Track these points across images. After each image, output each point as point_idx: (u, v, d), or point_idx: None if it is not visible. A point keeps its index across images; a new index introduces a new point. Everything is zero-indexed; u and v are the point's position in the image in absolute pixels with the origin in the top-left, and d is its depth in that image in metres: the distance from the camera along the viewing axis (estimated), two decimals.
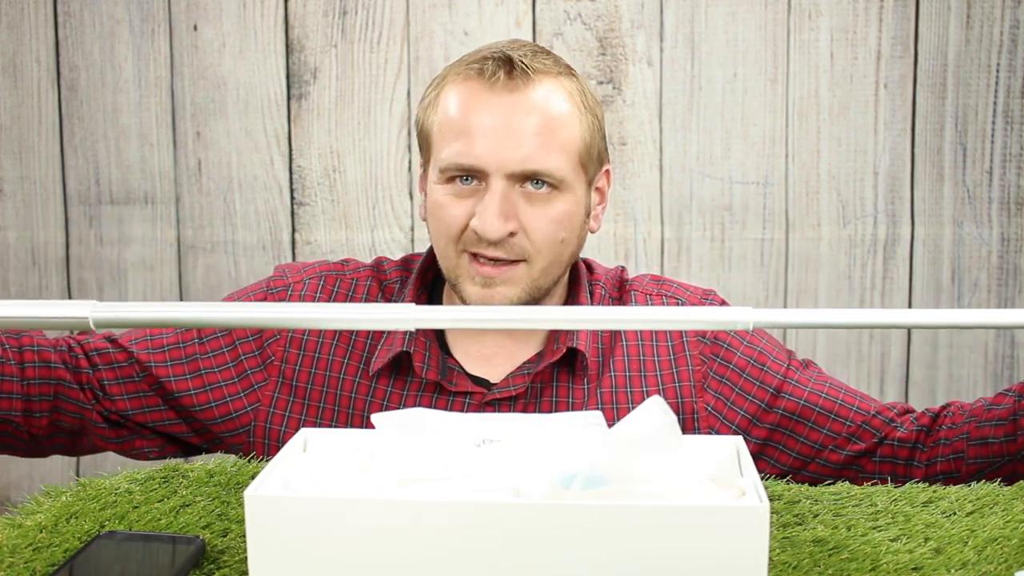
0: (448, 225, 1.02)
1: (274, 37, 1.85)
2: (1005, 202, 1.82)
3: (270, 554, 0.62)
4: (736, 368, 1.09)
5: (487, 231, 0.99)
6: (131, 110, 1.87)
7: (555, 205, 1.01)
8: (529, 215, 1.01)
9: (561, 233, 1.02)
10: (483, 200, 1.00)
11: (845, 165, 1.83)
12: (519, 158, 0.99)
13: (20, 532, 0.75)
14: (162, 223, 1.89)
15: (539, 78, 1.01)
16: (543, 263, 1.03)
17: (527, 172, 1.00)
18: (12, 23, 1.87)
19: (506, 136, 0.99)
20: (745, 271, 1.85)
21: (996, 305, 1.84)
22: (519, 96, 1.00)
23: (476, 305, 1.01)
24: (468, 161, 1.00)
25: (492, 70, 1.00)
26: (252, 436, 1.09)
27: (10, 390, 1.00)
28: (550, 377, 1.06)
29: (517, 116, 1.00)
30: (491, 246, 1.00)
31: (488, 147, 0.99)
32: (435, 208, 1.04)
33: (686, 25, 1.81)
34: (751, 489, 0.65)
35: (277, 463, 0.70)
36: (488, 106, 1.00)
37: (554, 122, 1.01)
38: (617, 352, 1.08)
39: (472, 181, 1.01)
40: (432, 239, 1.07)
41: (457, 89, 1.03)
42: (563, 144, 1.01)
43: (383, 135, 1.86)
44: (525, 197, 1.01)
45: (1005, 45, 1.79)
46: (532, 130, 0.99)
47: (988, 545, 0.73)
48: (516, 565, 0.61)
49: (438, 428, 0.77)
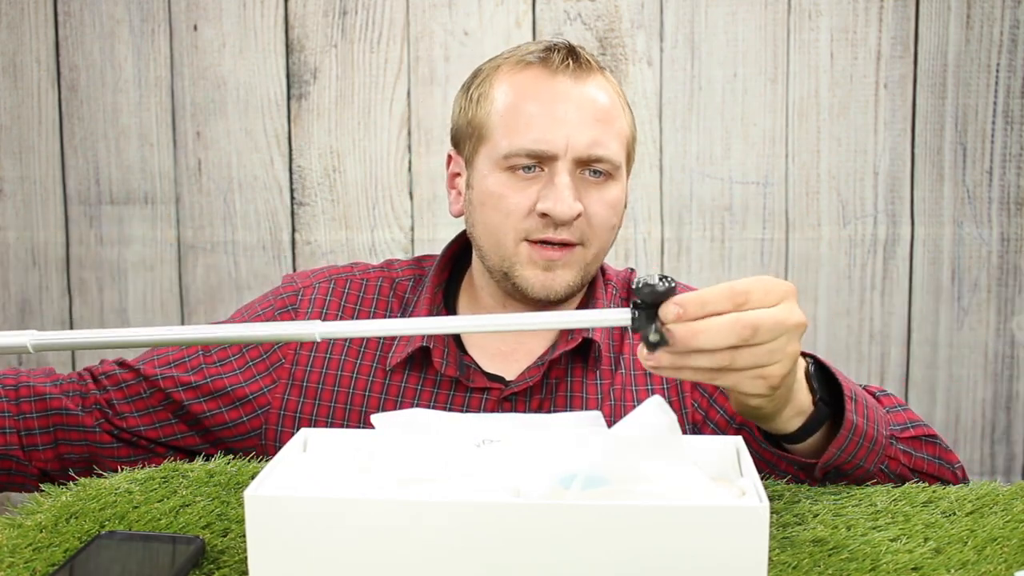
0: (508, 213, 1.02)
1: (274, 37, 1.85)
2: (1005, 202, 1.82)
3: (270, 554, 0.62)
4: None
5: (562, 212, 1.00)
6: (131, 110, 1.87)
7: (611, 190, 1.05)
8: (590, 198, 1.03)
9: (614, 219, 1.06)
10: (553, 183, 1.01)
11: (845, 165, 1.83)
12: (587, 143, 1.01)
13: (20, 532, 0.75)
14: (162, 223, 1.89)
15: (597, 70, 1.06)
16: (596, 248, 1.05)
17: (592, 157, 1.02)
18: (12, 23, 1.87)
19: (574, 121, 1.01)
20: (745, 271, 1.85)
21: (996, 305, 1.84)
22: (584, 85, 1.03)
23: (537, 292, 1.04)
24: (540, 146, 1.01)
25: (559, 59, 1.03)
26: (264, 439, 1.09)
27: (2, 425, 1.02)
28: (564, 371, 1.07)
29: (584, 103, 1.03)
30: (560, 229, 1.02)
31: (557, 132, 1.01)
32: (491, 198, 1.04)
33: (686, 25, 1.81)
34: (751, 489, 0.65)
35: (277, 463, 0.70)
36: (557, 93, 1.02)
37: (612, 111, 1.05)
38: (626, 349, 1.09)
39: (534, 169, 1.02)
40: (480, 229, 1.06)
41: (516, 78, 1.04)
42: (619, 132, 1.05)
43: (383, 135, 1.86)
44: (584, 182, 1.03)
45: (1005, 45, 1.79)
46: (597, 116, 1.03)
47: (988, 545, 0.73)
48: (516, 565, 0.61)
49: (438, 428, 0.77)
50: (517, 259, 1.03)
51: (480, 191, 1.05)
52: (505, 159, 1.02)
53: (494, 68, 1.07)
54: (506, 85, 1.04)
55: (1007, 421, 1.86)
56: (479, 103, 1.05)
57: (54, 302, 1.92)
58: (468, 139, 1.07)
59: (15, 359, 1.85)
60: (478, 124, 1.05)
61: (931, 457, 0.96)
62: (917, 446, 0.96)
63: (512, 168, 1.02)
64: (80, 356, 1.89)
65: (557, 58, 1.03)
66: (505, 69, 1.05)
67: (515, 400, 1.05)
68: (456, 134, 1.09)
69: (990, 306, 1.85)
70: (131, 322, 1.91)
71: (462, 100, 1.08)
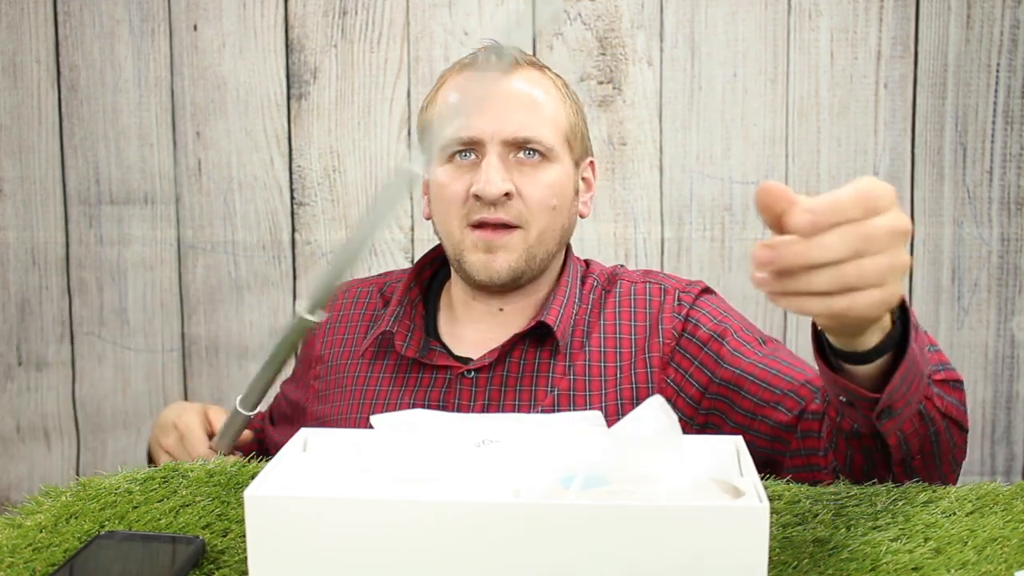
0: (450, 198, 1.10)
1: (274, 37, 1.85)
2: (1005, 202, 1.82)
3: (270, 554, 0.62)
4: (699, 342, 1.11)
5: (488, 190, 1.07)
6: (131, 110, 1.87)
7: (546, 171, 1.11)
8: (523, 179, 1.10)
9: (552, 200, 1.11)
10: (480, 166, 1.09)
11: (845, 165, 1.83)
12: (512, 126, 1.09)
13: (20, 532, 0.75)
14: (162, 223, 1.89)
15: (526, 66, 1.14)
16: (537, 229, 1.10)
17: (519, 139, 1.09)
18: (12, 23, 1.87)
19: (499, 108, 1.09)
20: (745, 271, 1.85)
21: (996, 305, 1.84)
22: (509, 76, 1.11)
23: (480, 274, 1.10)
24: (467, 133, 1.09)
25: (484, 56, 1.14)
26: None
27: None
28: (531, 351, 1.12)
29: (510, 91, 1.11)
30: (492, 208, 1.08)
31: (485, 118, 1.08)
32: (438, 188, 1.12)
33: (686, 25, 1.81)
34: (751, 489, 0.65)
35: (277, 463, 0.70)
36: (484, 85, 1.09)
37: (542, 99, 1.12)
38: (595, 329, 1.13)
39: (470, 155, 1.10)
40: (437, 222, 1.15)
41: (454, 81, 1.14)
42: (551, 118, 1.12)
43: (383, 135, 1.86)
44: (518, 164, 1.10)
45: (1005, 45, 1.79)
46: (523, 103, 1.11)
47: (988, 545, 0.73)
48: (516, 565, 0.61)
49: (438, 428, 0.77)
50: (464, 245, 1.11)
51: (433, 186, 1.14)
52: (442, 150, 1.11)
53: (440, 79, 1.17)
54: (445, 88, 1.15)
55: (1007, 421, 1.86)
56: (428, 109, 1.17)
57: (54, 302, 1.92)
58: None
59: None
60: (428, 127, 1.16)
61: (958, 403, 0.91)
62: (947, 390, 0.90)
63: (451, 158, 1.11)
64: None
65: (483, 56, 1.15)
66: (447, 76, 1.16)
67: (475, 377, 1.11)
68: (420, 140, 1.23)
69: (990, 306, 1.85)
70: (131, 322, 1.91)
71: (420, 113, 1.19)
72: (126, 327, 1.92)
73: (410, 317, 1.15)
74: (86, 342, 1.92)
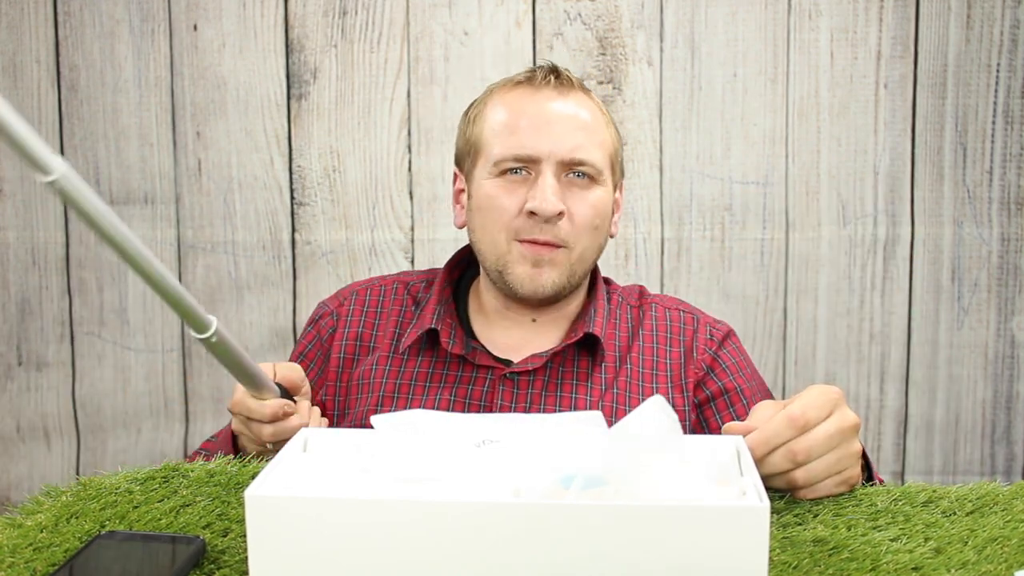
0: (501, 213, 1.12)
1: (274, 37, 1.85)
2: (1005, 202, 1.82)
3: (270, 554, 0.62)
4: (721, 386, 1.18)
5: (545, 208, 1.09)
6: (131, 110, 1.87)
7: (593, 193, 1.14)
8: (573, 200, 1.12)
9: (597, 220, 1.14)
10: (537, 184, 1.11)
11: (845, 165, 1.83)
12: (568, 147, 1.12)
13: (20, 532, 0.75)
14: (162, 223, 1.89)
15: (578, 88, 1.17)
16: (580, 248, 1.14)
17: (574, 160, 1.12)
18: (12, 23, 1.87)
19: (557, 129, 1.12)
20: (745, 271, 1.85)
21: (996, 305, 1.84)
22: (565, 98, 1.14)
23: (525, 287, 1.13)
24: (523, 151, 1.11)
25: (541, 76, 1.15)
26: None
27: None
28: (571, 360, 1.16)
29: (565, 113, 1.13)
30: (543, 227, 1.10)
31: (541, 138, 1.11)
32: (486, 200, 1.14)
33: (686, 25, 1.81)
34: (751, 489, 0.65)
35: (277, 463, 0.70)
36: (538, 105, 1.13)
37: (594, 122, 1.16)
38: (635, 349, 1.18)
39: (522, 172, 1.12)
40: (479, 233, 1.16)
41: (506, 96, 1.16)
42: (601, 141, 1.15)
43: (383, 135, 1.86)
44: (569, 185, 1.13)
45: (1005, 45, 1.79)
46: (578, 125, 1.13)
47: (988, 545, 0.73)
48: (516, 565, 0.61)
49: (438, 428, 0.77)
50: (510, 257, 1.13)
51: (477, 198, 1.15)
52: (496, 165, 1.13)
53: (488, 92, 1.20)
54: (497, 103, 1.16)
55: (1007, 421, 1.86)
56: (475, 122, 1.18)
57: (54, 302, 1.92)
58: (468, 156, 1.18)
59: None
60: (475, 141, 1.17)
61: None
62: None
63: (503, 173, 1.13)
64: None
65: (540, 75, 1.16)
66: (496, 91, 1.18)
67: (517, 380, 1.13)
68: (458, 154, 1.21)
69: (990, 306, 1.85)
70: (131, 322, 1.91)
71: (462, 124, 1.21)
72: (126, 327, 1.92)
73: (451, 316, 1.18)
74: (86, 342, 1.92)
